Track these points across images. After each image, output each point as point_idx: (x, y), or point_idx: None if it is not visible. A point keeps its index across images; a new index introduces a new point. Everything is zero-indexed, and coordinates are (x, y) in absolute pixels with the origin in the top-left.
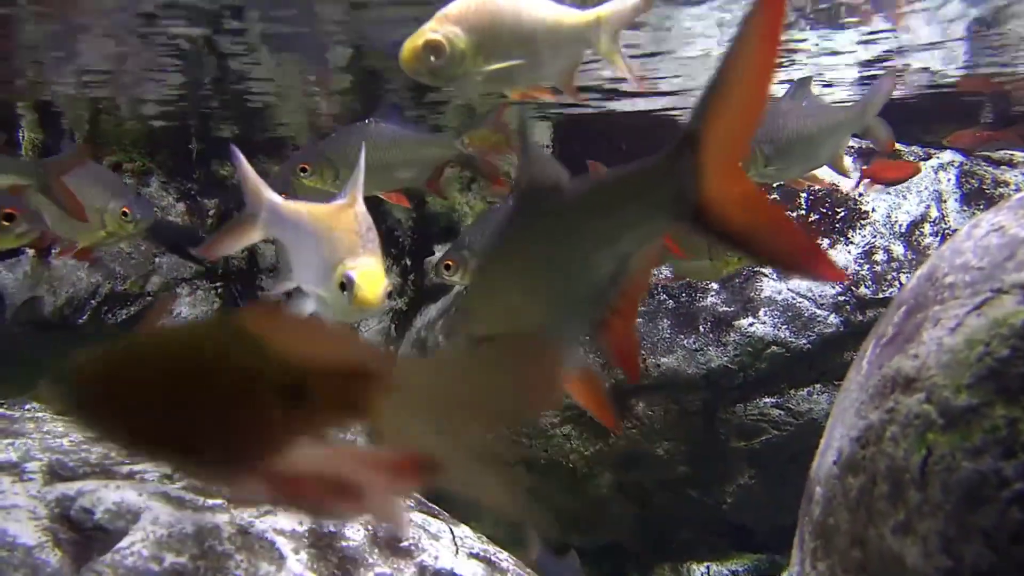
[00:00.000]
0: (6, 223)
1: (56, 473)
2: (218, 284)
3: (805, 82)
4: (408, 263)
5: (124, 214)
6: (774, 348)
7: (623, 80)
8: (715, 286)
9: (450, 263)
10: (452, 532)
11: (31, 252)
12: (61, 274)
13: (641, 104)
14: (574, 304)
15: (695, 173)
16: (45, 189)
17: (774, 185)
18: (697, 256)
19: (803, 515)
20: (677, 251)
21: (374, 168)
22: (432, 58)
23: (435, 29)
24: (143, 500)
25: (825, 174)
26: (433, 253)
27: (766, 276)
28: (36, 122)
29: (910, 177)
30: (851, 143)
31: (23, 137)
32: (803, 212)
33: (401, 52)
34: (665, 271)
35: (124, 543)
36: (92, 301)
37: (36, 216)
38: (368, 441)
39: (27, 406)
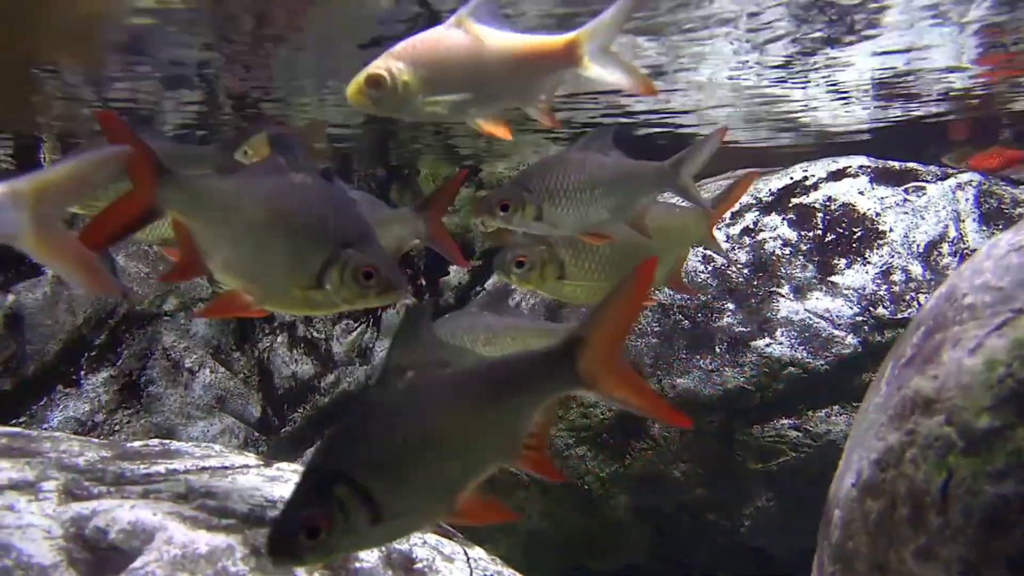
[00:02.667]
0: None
1: (71, 492)
2: None
3: (604, 132)
4: (423, 283)
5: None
6: (791, 369)
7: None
8: (731, 305)
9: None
10: (466, 554)
11: (50, 273)
12: (79, 293)
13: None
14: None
15: (583, 360)
16: (427, 238)
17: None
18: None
19: (822, 538)
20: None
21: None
22: (373, 91)
23: (379, 64)
24: (158, 520)
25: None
26: (448, 273)
27: (783, 296)
28: (57, 148)
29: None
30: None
31: (45, 160)
32: (819, 232)
33: (347, 86)
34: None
35: (138, 563)
36: (110, 321)
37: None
38: None
39: (44, 425)
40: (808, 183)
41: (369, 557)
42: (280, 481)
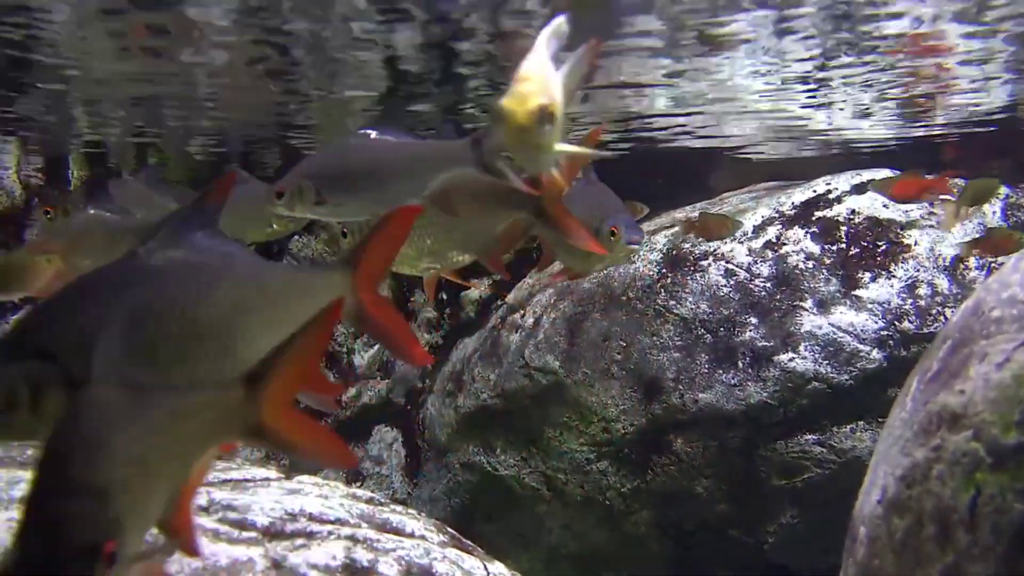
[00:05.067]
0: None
1: None
2: None
3: (393, 114)
4: (444, 297)
5: (612, 233)
6: (815, 384)
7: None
8: (754, 320)
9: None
10: (486, 569)
11: None
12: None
13: (681, 140)
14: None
15: (261, 404)
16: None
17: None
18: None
19: (847, 556)
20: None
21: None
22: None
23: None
24: None
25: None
26: (469, 288)
27: (806, 310)
28: (84, 160)
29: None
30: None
31: (72, 175)
32: (843, 246)
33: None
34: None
35: None
36: None
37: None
38: None
39: None
40: (831, 196)
41: (389, 571)
42: (301, 494)
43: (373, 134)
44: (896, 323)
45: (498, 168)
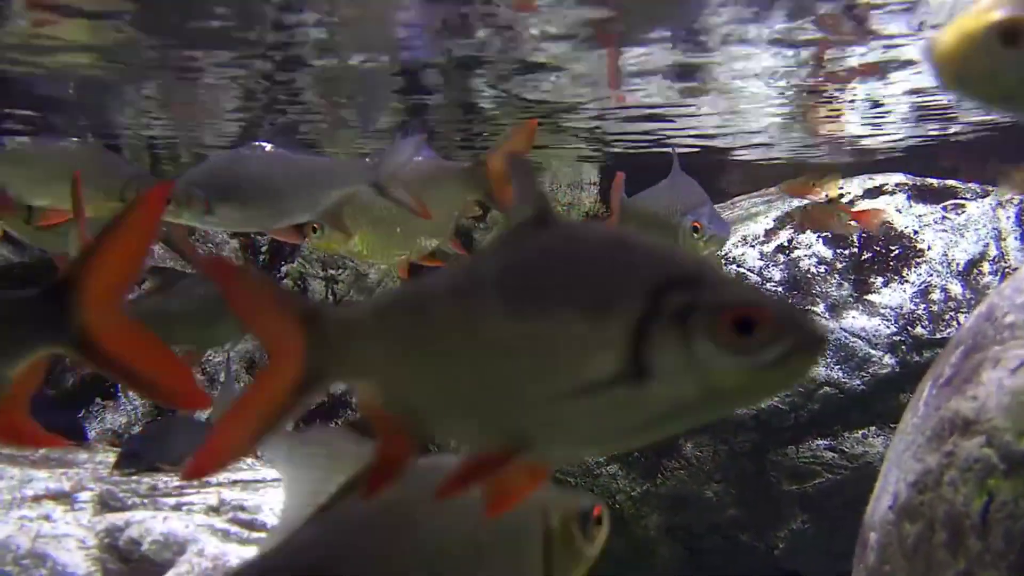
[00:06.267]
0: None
1: (106, 503)
2: None
3: (286, 130)
4: None
5: (695, 229)
6: (827, 389)
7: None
8: None
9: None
10: None
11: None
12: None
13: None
14: None
15: (76, 307)
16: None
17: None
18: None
19: (858, 562)
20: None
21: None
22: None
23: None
24: (189, 532)
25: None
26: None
27: (818, 315)
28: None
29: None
30: None
31: None
32: (855, 250)
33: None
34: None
35: (170, 574)
36: None
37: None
38: None
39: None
40: (844, 200)
41: None
42: None
43: (268, 147)
44: (909, 328)
45: (391, 192)
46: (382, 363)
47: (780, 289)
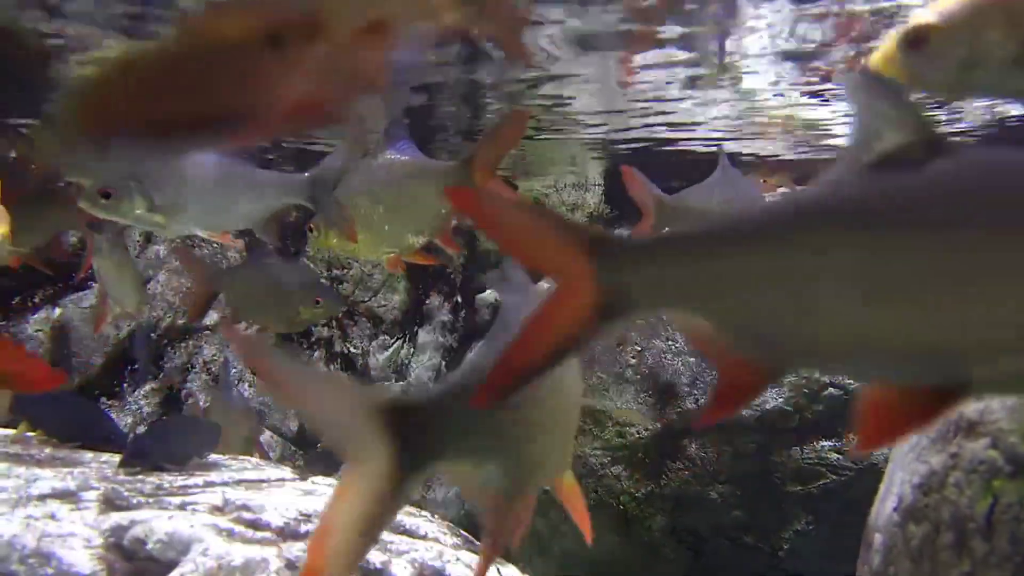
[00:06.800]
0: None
1: (111, 502)
2: None
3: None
4: (459, 300)
5: None
6: (832, 390)
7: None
8: None
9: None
10: (499, 572)
11: (97, 287)
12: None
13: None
14: None
15: None
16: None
17: None
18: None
19: (862, 563)
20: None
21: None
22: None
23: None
24: (194, 531)
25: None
26: (484, 290)
27: None
28: None
29: None
30: None
31: None
32: None
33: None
34: None
35: (174, 574)
36: (152, 335)
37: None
38: None
39: None
40: None
41: (403, 573)
42: (315, 495)
43: (214, 157)
44: None
45: (328, 206)
46: (718, 294)
47: None
